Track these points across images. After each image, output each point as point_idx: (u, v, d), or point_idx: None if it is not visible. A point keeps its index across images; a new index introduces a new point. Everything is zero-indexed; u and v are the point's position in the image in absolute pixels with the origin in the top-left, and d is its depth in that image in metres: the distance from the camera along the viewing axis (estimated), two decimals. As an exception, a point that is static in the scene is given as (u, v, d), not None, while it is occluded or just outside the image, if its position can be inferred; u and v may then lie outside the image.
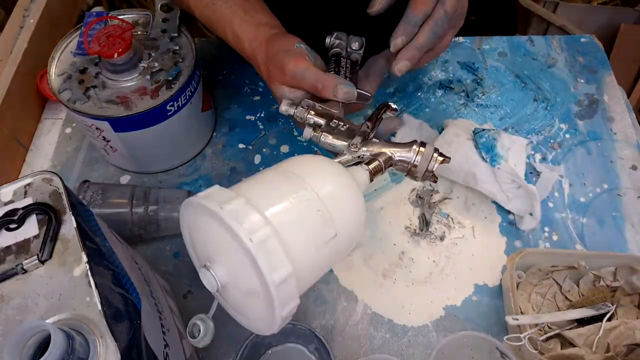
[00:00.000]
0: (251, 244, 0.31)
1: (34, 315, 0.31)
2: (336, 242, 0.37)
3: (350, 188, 0.40)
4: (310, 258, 0.35)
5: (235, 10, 0.52)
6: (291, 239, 0.34)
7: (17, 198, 0.36)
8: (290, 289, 0.33)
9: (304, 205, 0.36)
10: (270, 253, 0.31)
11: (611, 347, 0.51)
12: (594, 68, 0.78)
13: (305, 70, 0.46)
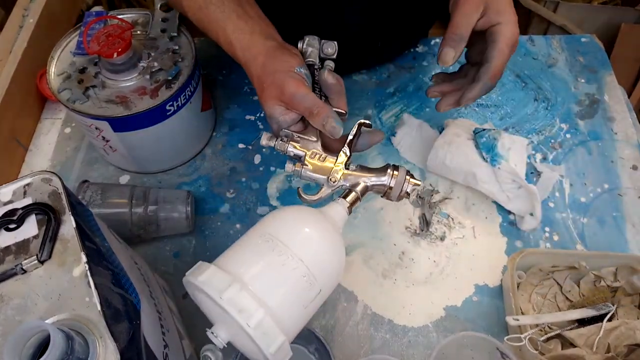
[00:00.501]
0: (249, 328, 0.36)
1: (34, 316, 0.31)
2: (321, 296, 0.41)
3: (330, 240, 0.43)
4: (300, 317, 0.41)
5: (229, 15, 0.52)
6: (282, 311, 0.39)
7: (16, 198, 0.36)
8: (284, 351, 0.39)
9: (291, 275, 0.40)
10: (266, 332, 0.37)
11: (612, 347, 0.51)
12: (595, 68, 0.78)
13: (305, 95, 0.47)
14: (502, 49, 0.52)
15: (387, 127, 0.73)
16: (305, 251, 0.41)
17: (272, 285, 0.39)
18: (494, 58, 0.52)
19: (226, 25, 0.51)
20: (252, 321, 0.36)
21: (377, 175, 0.50)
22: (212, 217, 0.65)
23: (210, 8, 0.52)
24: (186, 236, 0.64)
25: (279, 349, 0.37)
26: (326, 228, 0.44)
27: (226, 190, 0.68)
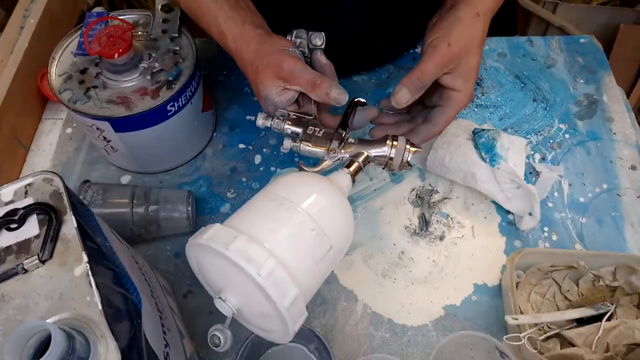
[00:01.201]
0: (260, 278, 0.34)
1: (35, 315, 0.31)
2: (332, 253, 0.40)
3: (337, 199, 0.43)
4: (312, 273, 0.39)
5: (222, 5, 0.52)
6: (293, 262, 0.37)
7: (17, 198, 0.36)
8: (299, 307, 0.37)
9: (299, 229, 0.39)
10: (278, 282, 0.35)
11: (611, 346, 0.51)
12: (594, 68, 0.79)
13: (304, 68, 0.49)
14: (449, 116, 0.52)
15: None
16: (312, 206, 0.40)
17: (281, 237, 0.37)
18: (438, 124, 0.53)
19: (218, 15, 0.52)
20: (263, 270, 0.34)
21: (377, 146, 0.50)
22: (212, 217, 0.65)
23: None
24: (187, 236, 0.64)
25: (293, 303, 0.35)
26: (333, 189, 0.44)
27: (227, 190, 0.68)
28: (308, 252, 0.39)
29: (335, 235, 0.41)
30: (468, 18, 0.50)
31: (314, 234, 0.39)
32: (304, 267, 0.38)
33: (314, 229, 0.39)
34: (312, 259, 0.39)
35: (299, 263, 0.38)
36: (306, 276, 0.38)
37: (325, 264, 0.40)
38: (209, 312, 0.58)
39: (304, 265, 0.38)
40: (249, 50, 0.51)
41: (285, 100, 0.50)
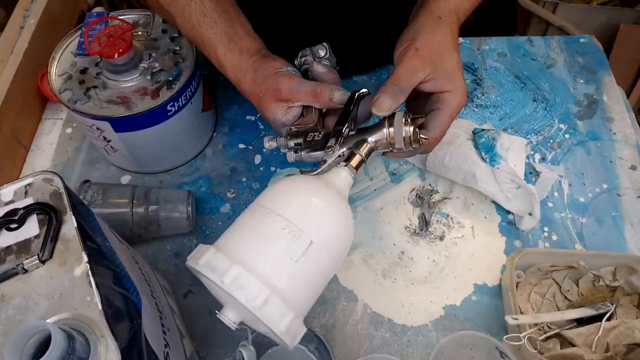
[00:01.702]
0: (255, 310, 0.36)
1: (35, 315, 0.31)
2: (317, 249, 0.39)
3: (321, 194, 0.42)
4: (292, 270, 0.38)
5: (220, 38, 0.53)
6: (269, 268, 0.38)
7: (17, 198, 0.36)
8: (295, 325, 0.38)
9: (270, 231, 0.39)
10: (273, 311, 0.36)
11: (611, 346, 0.51)
12: (593, 68, 0.79)
13: (300, 82, 0.49)
14: (445, 120, 0.49)
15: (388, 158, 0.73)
16: (285, 206, 0.41)
17: (258, 250, 0.39)
18: (434, 128, 0.49)
19: (217, 48, 0.53)
20: (257, 302, 0.36)
21: (376, 131, 0.48)
22: (212, 217, 0.65)
23: (203, 28, 0.53)
24: (187, 236, 0.64)
25: (289, 327, 0.37)
26: (316, 185, 0.43)
27: (227, 190, 0.68)
28: (284, 253, 0.38)
29: (316, 230, 0.40)
30: (429, 23, 0.50)
31: (285, 232, 0.39)
32: (283, 268, 0.38)
33: (285, 228, 0.39)
34: (288, 257, 0.38)
35: (277, 267, 0.38)
36: (286, 277, 0.38)
37: (310, 261, 0.39)
38: (208, 312, 0.58)
39: (282, 267, 0.38)
40: (247, 80, 0.52)
41: (292, 117, 0.51)
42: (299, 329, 0.39)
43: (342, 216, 0.43)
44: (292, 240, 0.39)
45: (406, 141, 0.47)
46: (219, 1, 0.54)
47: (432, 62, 0.48)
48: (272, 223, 0.39)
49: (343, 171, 0.45)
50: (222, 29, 0.53)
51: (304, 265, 0.39)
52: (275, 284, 0.37)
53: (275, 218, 0.39)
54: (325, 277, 0.42)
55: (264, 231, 0.39)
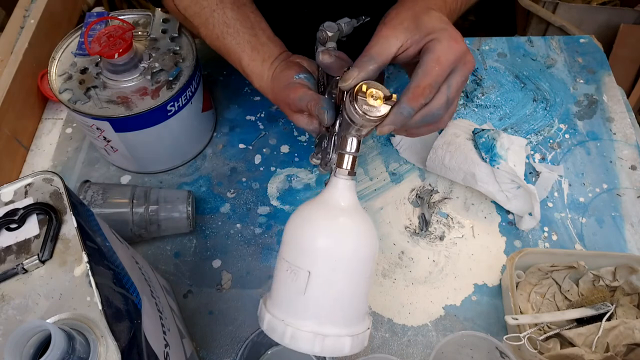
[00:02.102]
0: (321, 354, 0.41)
1: (35, 315, 0.31)
2: (316, 277, 0.41)
3: (310, 220, 0.43)
4: (310, 304, 0.41)
5: (244, 48, 0.53)
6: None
7: (17, 198, 0.36)
8: (361, 341, 0.42)
9: (283, 279, 0.42)
10: (331, 349, 0.41)
11: (610, 346, 0.51)
12: (593, 68, 0.79)
13: (302, 95, 0.48)
14: (428, 66, 0.42)
15: (383, 134, 0.73)
16: (286, 247, 0.43)
17: (287, 299, 0.42)
18: (416, 77, 0.42)
19: (242, 58, 0.54)
20: (315, 350, 0.40)
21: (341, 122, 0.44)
22: (212, 217, 0.65)
23: (227, 39, 0.54)
24: (187, 236, 0.64)
25: (352, 346, 0.41)
26: (307, 211, 0.43)
27: (227, 190, 0.68)
28: (290, 293, 0.41)
29: (309, 259, 0.41)
30: (408, 2, 0.46)
31: (288, 274, 0.41)
32: (303, 308, 0.41)
33: (287, 269, 0.41)
34: (294, 297, 0.41)
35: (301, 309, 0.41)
36: (307, 312, 0.41)
37: (314, 290, 0.41)
38: (209, 312, 0.59)
39: (301, 306, 0.41)
40: (269, 91, 0.53)
41: (313, 127, 0.50)
42: (363, 341, 0.42)
43: (341, 229, 0.42)
44: (293, 279, 0.41)
45: (365, 111, 0.40)
46: (240, 9, 0.54)
47: (406, 29, 0.43)
48: (279, 270, 0.43)
49: (339, 180, 0.43)
50: (245, 39, 0.54)
51: (307, 295, 0.41)
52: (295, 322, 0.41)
53: (283, 263, 0.42)
54: (352, 285, 0.42)
55: (280, 277, 0.43)
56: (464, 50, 0.43)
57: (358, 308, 0.43)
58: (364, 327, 0.43)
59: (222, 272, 0.61)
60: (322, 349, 0.40)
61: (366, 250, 0.42)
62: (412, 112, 0.42)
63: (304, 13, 0.64)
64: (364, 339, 0.43)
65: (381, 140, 0.72)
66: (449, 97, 0.44)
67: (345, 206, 0.43)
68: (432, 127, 0.48)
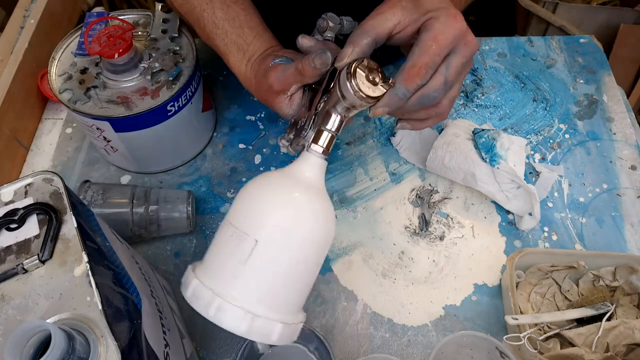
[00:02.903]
0: (245, 334, 0.37)
1: (35, 315, 0.31)
2: (263, 247, 0.37)
3: (270, 190, 0.40)
4: (242, 272, 0.38)
5: (230, 49, 0.54)
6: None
7: (17, 198, 0.36)
8: (291, 332, 0.39)
9: (223, 244, 0.39)
10: (260, 329, 0.37)
11: (611, 346, 0.51)
12: (593, 68, 0.79)
13: (283, 69, 0.47)
14: (425, 44, 0.40)
15: (386, 127, 0.73)
16: (233, 211, 0.40)
17: (220, 265, 0.39)
18: (412, 56, 0.41)
19: (229, 59, 0.54)
20: (242, 328, 0.37)
21: (332, 93, 0.42)
22: (212, 217, 0.65)
23: (217, 40, 0.54)
24: (187, 236, 0.64)
25: (281, 335, 0.38)
26: (267, 181, 0.41)
27: (227, 190, 0.68)
28: (233, 258, 0.38)
29: (261, 227, 0.38)
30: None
31: (233, 238, 0.38)
32: (237, 272, 0.38)
33: (232, 234, 0.38)
34: (237, 261, 0.37)
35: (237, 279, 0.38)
36: (241, 280, 0.38)
37: (259, 260, 0.37)
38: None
39: (236, 271, 0.38)
40: (253, 87, 0.53)
41: (296, 106, 0.49)
42: (294, 333, 0.39)
43: (303, 206, 0.39)
44: (237, 244, 0.38)
45: (360, 88, 0.39)
46: (230, 8, 0.54)
47: (404, 7, 0.42)
48: (223, 233, 0.39)
49: (311, 156, 0.41)
50: (232, 39, 0.54)
51: (252, 265, 0.37)
52: (223, 291, 0.38)
53: (228, 227, 0.39)
54: (298, 268, 0.39)
55: (221, 242, 0.40)
56: (464, 29, 0.42)
57: (297, 296, 0.40)
58: (297, 319, 0.40)
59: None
60: (249, 329, 0.36)
61: (322, 237, 0.40)
62: (407, 94, 0.41)
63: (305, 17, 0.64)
64: (295, 330, 0.39)
65: (381, 140, 0.72)
66: (447, 79, 0.42)
67: (312, 184, 0.41)
68: (430, 112, 0.46)
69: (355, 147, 0.71)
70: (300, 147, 0.47)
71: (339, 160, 0.70)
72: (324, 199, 0.41)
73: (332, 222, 0.41)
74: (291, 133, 0.50)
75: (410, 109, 0.44)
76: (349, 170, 0.69)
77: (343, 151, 0.71)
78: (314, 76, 0.46)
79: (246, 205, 0.40)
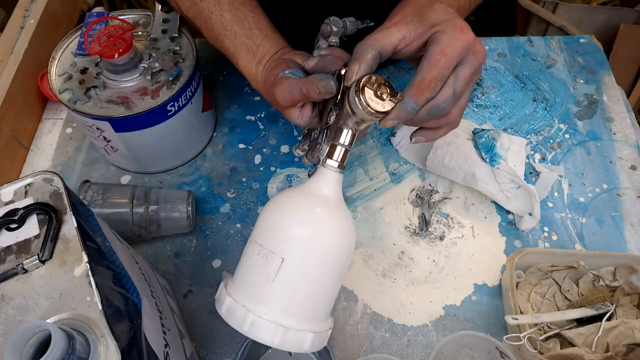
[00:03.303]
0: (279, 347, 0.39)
1: (35, 315, 0.31)
2: (289, 264, 0.40)
3: (290, 207, 0.42)
4: (271, 290, 0.40)
5: (239, 51, 0.54)
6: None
7: (17, 198, 0.36)
8: (320, 340, 0.41)
9: (252, 263, 0.41)
10: (292, 341, 0.39)
11: (610, 346, 0.51)
12: (593, 68, 0.79)
13: (289, 88, 0.47)
14: (433, 58, 0.41)
15: (386, 127, 0.73)
16: (259, 231, 0.42)
17: (252, 283, 0.41)
18: (421, 70, 0.42)
19: (238, 61, 0.54)
20: (275, 341, 0.39)
21: (342, 109, 0.43)
22: (212, 217, 0.65)
23: (225, 42, 0.54)
24: (187, 236, 0.64)
25: (312, 344, 0.40)
26: (287, 198, 0.43)
27: (227, 190, 0.68)
28: (259, 278, 0.40)
29: (286, 245, 0.40)
30: None
31: (259, 257, 0.40)
32: (270, 295, 0.40)
33: (259, 253, 0.40)
34: (264, 281, 0.40)
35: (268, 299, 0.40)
36: (286, 305, 0.40)
37: (284, 277, 0.39)
38: (209, 312, 0.59)
39: (269, 293, 0.40)
40: (263, 92, 0.53)
41: (308, 117, 0.50)
42: (323, 340, 0.41)
43: (323, 222, 0.41)
44: (264, 263, 0.40)
45: (369, 104, 0.40)
46: (238, 10, 0.54)
47: (409, 22, 0.43)
48: (249, 253, 0.41)
49: (327, 171, 0.43)
50: (241, 41, 0.54)
51: (279, 283, 0.39)
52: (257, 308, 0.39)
53: (255, 246, 0.41)
54: (323, 280, 0.41)
55: (249, 261, 0.42)
56: (472, 40, 0.42)
57: (324, 305, 0.42)
58: (326, 326, 0.42)
59: (222, 272, 0.61)
60: (282, 341, 0.38)
61: (344, 248, 0.42)
62: (416, 107, 0.42)
63: (306, 17, 0.64)
64: (325, 338, 0.42)
65: (381, 140, 0.72)
66: (455, 90, 0.43)
67: (330, 198, 0.42)
68: (440, 121, 0.47)
69: (355, 147, 0.71)
70: (315, 160, 0.48)
71: (339, 160, 0.70)
72: (343, 211, 0.43)
73: (352, 233, 0.43)
74: (305, 143, 0.51)
75: (421, 120, 0.45)
76: (349, 170, 0.69)
77: (343, 151, 0.71)
78: (320, 99, 0.47)
79: (270, 224, 0.42)
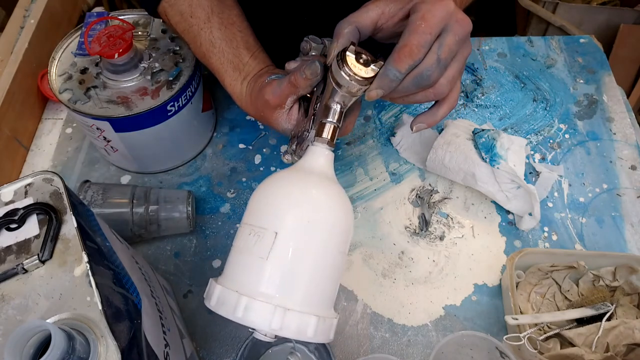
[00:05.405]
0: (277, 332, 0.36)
1: (35, 315, 0.31)
2: (283, 238, 0.37)
3: (280, 183, 0.41)
4: (260, 268, 0.37)
5: (226, 68, 0.54)
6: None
7: (17, 198, 0.36)
8: (326, 326, 0.37)
9: (242, 246, 0.39)
10: (293, 325, 0.36)
11: (610, 346, 0.51)
12: (593, 68, 0.79)
13: (277, 84, 0.48)
14: (414, 25, 0.40)
15: (386, 127, 0.73)
16: (248, 212, 0.40)
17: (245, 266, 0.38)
18: (402, 37, 0.41)
19: (224, 78, 0.55)
20: (274, 325, 0.35)
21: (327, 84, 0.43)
22: (212, 217, 0.65)
23: (213, 58, 0.55)
24: (187, 236, 0.64)
25: (316, 329, 0.36)
26: (278, 176, 0.42)
27: (227, 190, 0.68)
28: (252, 256, 0.37)
29: (278, 220, 0.37)
30: None
31: (251, 237, 0.38)
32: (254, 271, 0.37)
33: (250, 233, 0.38)
34: (257, 257, 0.37)
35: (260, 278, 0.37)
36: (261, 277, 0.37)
37: (279, 252, 0.36)
38: (208, 312, 0.58)
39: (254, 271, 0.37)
40: (249, 106, 0.53)
41: (294, 119, 0.50)
42: (330, 327, 0.38)
43: (317, 193, 0.40)
44: (257, 241, 0.37)
45: (352, 69, 0.40)
46: (228, 28, 0.54)
47: (399, 2, 0.43)
48: (242, 234, 0.39)
49: (317, 148, 0.42)
50: (229, 59, 0.54)
51: (273, 260, 0.37)
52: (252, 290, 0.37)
53: (245, 228, 0.39)
54: (320, 256, 0.38)
55: (239, 244, 0.39)
56: (452, 8, 0.41)
57: (326, 289, 0.39)
58: (331, 313, 0.39)
59: (222, 272, 0.61)
60: (282, 324, 0.34)
61: (340, 222, 0.40)
62: (398, 75, 0.41)
63: (303, 21, 0.64)
64: (330, 326, 0.38)
65: (381, 140, 0.72)
66: (440, 57, 0.41)
67: (322, 174, 0.41)
68: (428, 94, 0.45)
69: (355, 147, 0.71)
70: (304, 152, 0.48)
71: (339, 161, 0.70)
72: (337, 186, 0.41)
73: (349, 208, 0.41)
74: (293, 145, 0.51)
75: (406, 90, 0.43)
76: (349, 171, 0.69)
77: (343, 151, 0.71)
78: (307, 86, 0.47)
79: (261, 204, 0.40)
